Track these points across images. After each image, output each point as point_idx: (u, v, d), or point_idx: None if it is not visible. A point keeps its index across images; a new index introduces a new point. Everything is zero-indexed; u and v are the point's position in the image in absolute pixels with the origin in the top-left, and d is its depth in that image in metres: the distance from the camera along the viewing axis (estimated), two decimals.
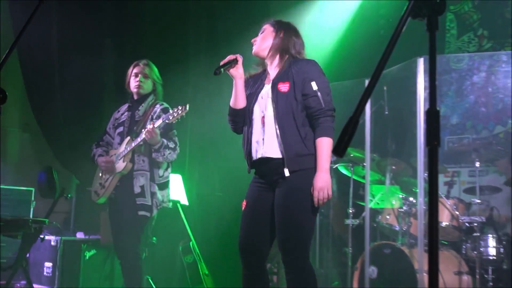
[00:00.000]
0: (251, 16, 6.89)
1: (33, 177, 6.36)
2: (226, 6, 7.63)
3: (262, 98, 3.61)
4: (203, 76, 6.86)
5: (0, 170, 6.32)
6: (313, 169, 3.42)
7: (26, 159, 7.11)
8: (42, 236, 5.48)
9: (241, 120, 3.71)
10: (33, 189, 6.41)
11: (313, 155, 3.43)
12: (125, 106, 5.01)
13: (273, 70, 3.68)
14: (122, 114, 4.97)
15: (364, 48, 6.95)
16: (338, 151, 1.71)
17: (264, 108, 3.58)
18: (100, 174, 4.90)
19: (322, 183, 3.35)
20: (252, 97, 3.67)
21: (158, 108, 4.79)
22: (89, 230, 6.14)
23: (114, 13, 7.44)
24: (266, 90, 3.61)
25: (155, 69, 4.94)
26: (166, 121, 4.39)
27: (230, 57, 3.61)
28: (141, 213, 4.65)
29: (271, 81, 3.61)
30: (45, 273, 5.95)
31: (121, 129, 4.89)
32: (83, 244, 5.90)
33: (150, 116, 4.75)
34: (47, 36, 6.79)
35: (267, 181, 3.57)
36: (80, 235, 6.10)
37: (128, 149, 4.66)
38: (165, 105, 4.84)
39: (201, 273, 6.20)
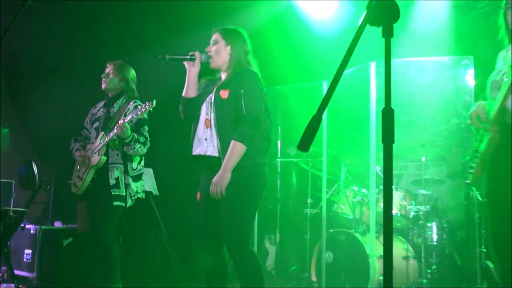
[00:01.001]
0: (213, 14, 6.90)
1: (13, 170, 6.27)
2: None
3: (209, 101, 3.68)
4: (173, 73, 6.83)
5: None
6: (244, 168, 3.49)
7: (6, 153, 6.98)
8: (22, 225, 5.42)
9: (191, 109, 3.75)
10: (13, 181, 6.32)
11: (246, 156, 3.48)
12: (101, 103, 4.97)
13: (224, 77, 3.74)
14: (98, 110, 4.92)
15: (322, 52, 6.98)
16: (303, 146, 1.71)
17: (209, 111, 3.65)
18: (78, 168, 4.85)
19: (218, 180, 3.45)
20: (201, 98, 3.74)
21: (131, 105, 4.76)
22: (66, 219, 6.08)
23: (92, 15, 7.35)
24: (212, 95, 3.67)
25: (123, 68, 4.90)
26: (135, 116, 4.41)
27: (191, 53, 3.69)
28: (116, 203, 4.59)
29: (216, 87, 3.68)
30: (25, 260, 5.88)
31: (97, 124, 4.84)
32: (61, 233, 5.85)
33: (123, 113, 4.71)
34: (27, 36, 6.68)
35: (214, 174, 3.61)
36: (58, 224, 6.03)
37: (102, 143, 4.63)
38: (138, 102, 4.81)
39: (171, 258, 6.18)
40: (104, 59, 4.97)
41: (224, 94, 3.58)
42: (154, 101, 4.37)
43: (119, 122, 4.43)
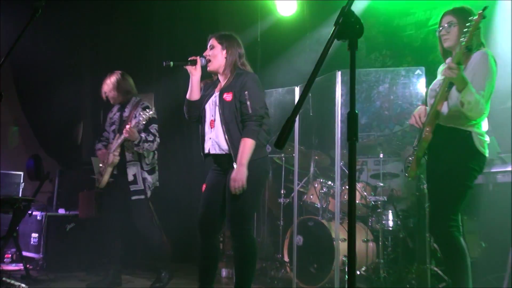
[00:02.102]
0: (202, 27, 6.89)
1: (22, 163, 6.22)
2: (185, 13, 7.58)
3: (212, 104, 3.62)
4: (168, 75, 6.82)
5: None
6: (250, 161, 3.44)
7: (16, 148, 6.89)
8: (30, 212, 5.39)
9: (194, 111, 3.69)
10: (22, 173, 6.26)
11: (253, 150, 3.45)
12: (116, 108, 5.02)
13: (222, 79, 3.68)
14: (114, 114, 5.00)
15: (293, 61, 6.99)
16: (279, 144, 1.72)
17: (213, 113, 3.60)
18: (100, 165, 4.89)
19: (238, 175, 3.36)
20: (203, 101, 3.67)
21: (139, 108, 4.80)
22: (69, 207, 6.03)
23: (91, 20, 7.29)
24: (215, 98, 3.61)
25: (119, 83, 4.89)
26: (137, 121, 4.44)
27: (192, 57, 3.62)
28: (134, 197, 4.70)
29: (219, 90, 3.61)
30: (32, 243, 5.82)
31: (113, 127, 4.92)
32: (64, 218, 5.80)
33: (133, 115, 4.75)
34: (35, 44, 6.61)
35: (222, 169, 3.58)
36: (61, 211, 5.98)
37: (116, 144, 4.69)
38: (146, 104, 4.86)
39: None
40: (106, 63, 4.96)
41: (228, 97, 3.51)
42: (153, 108, 4.52)
43: (126, 127, 4.47)
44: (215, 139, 3.56)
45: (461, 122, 3.21)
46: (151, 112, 4.45)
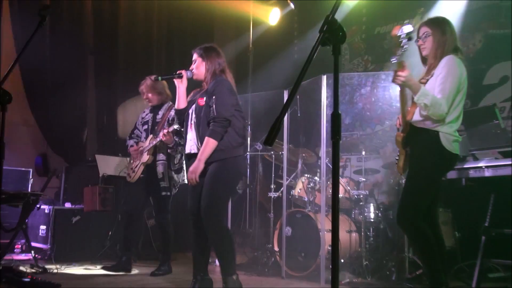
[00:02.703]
0: (199, 36, 6.86)
1: (31, 161, 6.19)
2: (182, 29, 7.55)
3: (192, 109, 3.70)
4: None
5: (5, 155, 6.08)
6: (222, 160, 3.50)
7: (25, 146, 6.84)
8: (38, 206, 5.36)
9: (182, 118, 3.78)
10: (31, 169, 6.23)
11: (222, 151, 3.50)
12: (148, 109, 5.10)
13: (205, 86, 3.75)
14: (146, 115, 5.08)
15: (282, 66, 6.99)
16: (268, 142, 1.71)
17: (192, 116, 3.67)
18: (132, 161, 4.93)
19: (194, 168, 3.48)
20: (188, 105, 3.76)
21: (173, 112, 4.84)
22: (75, 201, 6.00)
23: (95, 28, 7.27)
24: (194, 103, 3.69)
25: (154, 86, 4.97)
26: (177, 128, 4.49)
27: (178, 71, 3.73)
28: (163, 193, 4.81)
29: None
30: (40, 234, 5.80)
31: (146, 126, 4.99)
32: (70, 212, 5.78)
33: (167, 119, 4.82)
34: (42, 49, 6.58)
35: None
36: (68, 205, 5.95)
37: (151, 145, 4.75)
38: None
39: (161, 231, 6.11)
40: (109, 67, 4.93)
41: (202, 101, 3.60)
42: None
43: (164, 131, 4.52)
44: (193, 140, 3.65)
45: (429, 123, 3.23)
46: None
